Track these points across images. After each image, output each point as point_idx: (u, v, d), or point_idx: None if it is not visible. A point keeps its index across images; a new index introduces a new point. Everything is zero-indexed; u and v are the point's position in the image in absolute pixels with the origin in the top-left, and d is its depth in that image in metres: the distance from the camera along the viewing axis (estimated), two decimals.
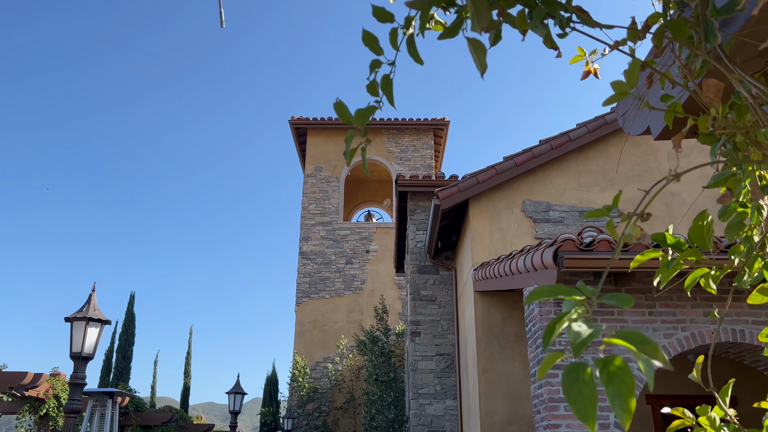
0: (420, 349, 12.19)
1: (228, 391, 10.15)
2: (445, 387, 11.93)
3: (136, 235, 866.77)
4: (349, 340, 20.47)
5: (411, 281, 12.83)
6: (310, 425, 19.43)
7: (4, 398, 8.26)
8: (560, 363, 5.30)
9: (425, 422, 11.67)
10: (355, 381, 20.01)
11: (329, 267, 21.83)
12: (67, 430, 5.00)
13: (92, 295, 5.37)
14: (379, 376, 14.20)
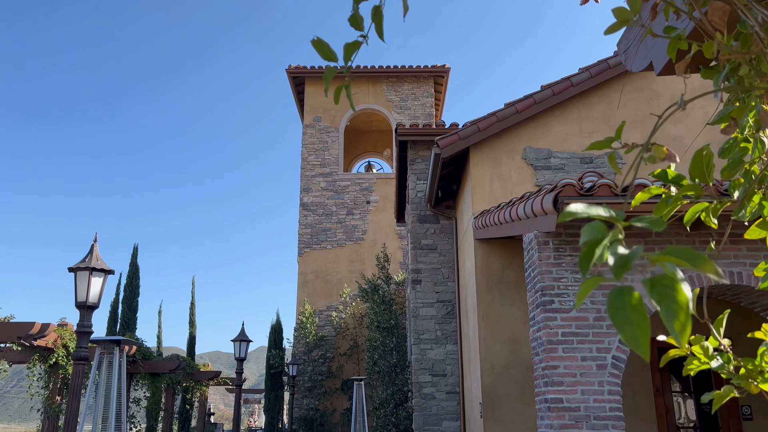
0: (421, 296, 12.36)
1: (233, 338, 10.34)
2: (445, 332, 12.15)
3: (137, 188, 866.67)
4: (351, 289, 20.74)
5: (412, 231, 12.88)
6: (315, 371, 19.92)
7: (13, 348, 8.45)
8: (560, 306, 5.38)
9: (426, 366, 11.94)
10: (358, 328, 20.39)
11: (330, 218, 21.91)
12: (76, 377, 5.12)
13: (94, 245, 5.40)
14: (381, 323, 14.45)
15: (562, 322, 5.34)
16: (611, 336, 5.28)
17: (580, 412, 5.09)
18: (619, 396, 5.14)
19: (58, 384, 10.01)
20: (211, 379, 18.37)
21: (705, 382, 8.25)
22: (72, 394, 5.07)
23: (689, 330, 0.72)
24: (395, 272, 20.01)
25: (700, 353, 1.14)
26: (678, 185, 1.29)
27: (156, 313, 20.28)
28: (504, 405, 8.71)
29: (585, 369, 5.20)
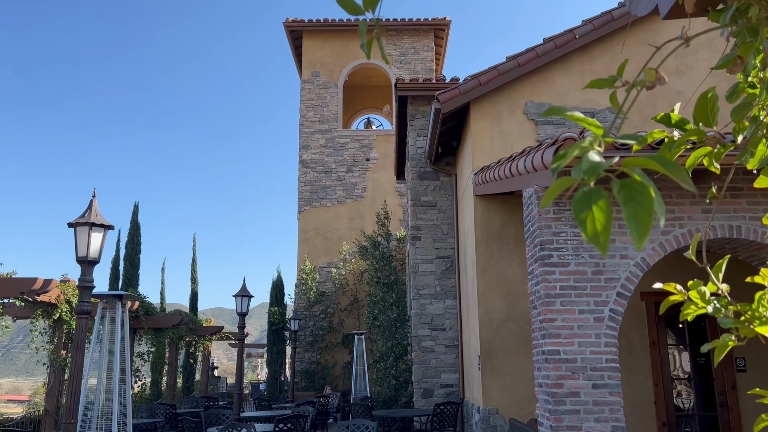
0: (420, 252, 12.42)
1: (235, 294, 10.44)
2: (444, 288, 12.26)
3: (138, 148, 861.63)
4: (351, 246, 20.85)
5: (411, 187, 12.85)
6: (317, 326, 20.22)
7: (16, 303, 8.53)
8: (558, 261, 5.40)
9: (426, 321, 12.10)
10: (359, 284, 20.59)
11: (330, 175, 21.84)
12: (79, 330, 5.18)
13: (93, 200, 5.39)
14: (381, 279, 14.58)
15: (560, 276, 5.37)
16: (609, 290, 5.32)
17: (577, 363, 5.17)
18: (615, 348, 5.22)
19: (62, 339, 10.16)
20: (214, 334, 18.65)
21: (701, 335, 8.37)
22: (76, 348, 5.14)
23: (647, 235, 0.75)
24: (395, 229, 20.07)
25: (697, 298, 1.14)
26: (682, 129, 1.26)
27: (159, 270, 20.49)
28: (501, 358, 8.85)
29: (582, 322, 5.25)
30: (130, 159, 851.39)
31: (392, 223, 19.86)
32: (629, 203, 0.75)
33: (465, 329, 11.07)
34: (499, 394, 8.80)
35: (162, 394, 16.26)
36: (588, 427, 5.03)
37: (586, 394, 5.10)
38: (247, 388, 25.87)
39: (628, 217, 0.75)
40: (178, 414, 12.14)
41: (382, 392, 13.37)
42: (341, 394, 16.04)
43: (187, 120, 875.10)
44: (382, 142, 22.09)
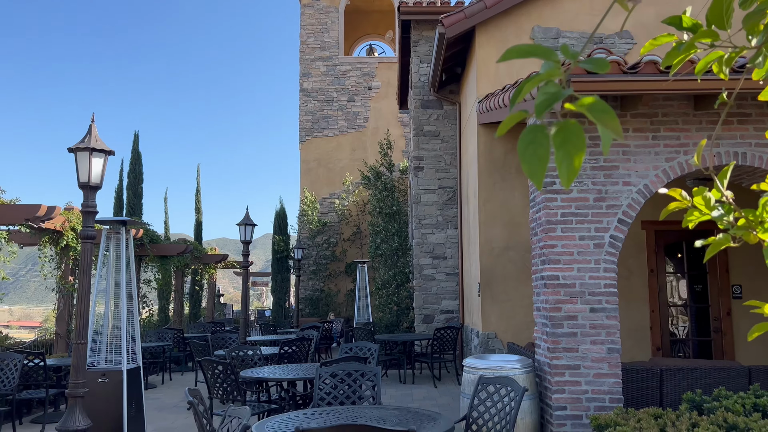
0: (423, 182, 12.41)
1: (238, 222, 10.52)
2: (446, 218, 12.33)
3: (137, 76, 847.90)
4: (354, 177, 20.82)
5: (414, 117, 12.68)
6: (320, 255, 20.50)
7: (21, 230, 8.62)
8: (560, 188, 5.38)
9: (427, 250, 12.23)
10: (361, 215, 20.71)
11: (331, 104, 21.51)
12: (84, 255, 5.25)
13: (92, 125, 5.33)
14: (383, 209, 14.64)
15: (562, 203, 5.37)
16: (610, 216, 5.33)
17: (576, 288, 5.25)
18: (614, 273, 5.29)
19: (69, 265, 10.34)
20: (219, 262, 18.93)
21: (699, 264, 8.46)
22: (82, 272, 5.23)
23: (575, 176, 0.83)
24: (398, 160, 19.98)
25: (702, 204, 1.13)
26: (692, 32, 1.21)
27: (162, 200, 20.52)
28: (501, 284, 9.01)
29: (582, 248, 5.30)
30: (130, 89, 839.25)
31: (395, 154, 19.73)
32: (564, 147, 0.83)
33: (466, 258, 11.21)
34: (498, 319, 9.01)
35: (170, 320, 16.70)
36: (584, 349, 5.17)
37: (583, 318, 5.21)
38: (252, 315, 26.54)
39: (561, 159, 0.83)
40: (185, 338, 12.51)
41: (384, 318, 13.71)
42: (344, 320, 16.45)
43: (186, 49, 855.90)
44: (385, 70, 21.62)
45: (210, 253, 18.37)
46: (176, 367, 12.75)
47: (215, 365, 6.43)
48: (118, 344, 5.94)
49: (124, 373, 5.72)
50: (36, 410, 8.44)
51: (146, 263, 13.90)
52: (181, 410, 8.53)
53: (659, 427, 3.68)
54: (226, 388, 6.45)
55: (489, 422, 4.13)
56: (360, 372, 5.11)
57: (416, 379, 10.74)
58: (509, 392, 4.11)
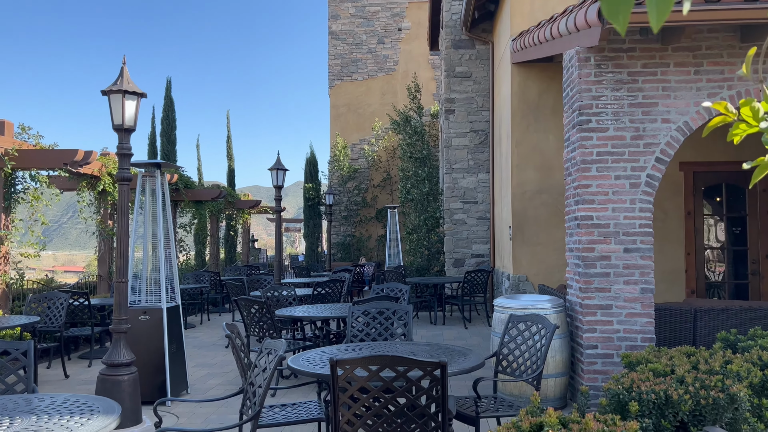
0: (454, 126, 12.23)
1: (270, 167, 10.57)
2: (477, 162, 12.19)
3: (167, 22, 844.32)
4: (383, 122, 20.62)
5: (445, 57, 12.39)
6: (351, 201, 20.61)
7: (61, 175, 8.84)
8: (597, 126, 5.24)
9: (458, 194, 12.17)
10: (391, 160, 20.62)
11: (360, 47, 21.13)
12: (121, 196, 5.36)
13: (123, 68, 5.34)
14: (414, 154, 14.53)
15: (597, 142, 5.24)
16: (647, 155, 5.19)
17: (610, 228, 5.18)
18: (650, 213, 5.19)
19: (107, 209, 10.61)
20: (252, 207, 19.19)
21: (739, 205, 8.24)
22: (120, 213, 5.36)
23: (666, 15, 0.70)
24: (428, 104, 19.67)
25: (749, 116, 1.07)
26: None
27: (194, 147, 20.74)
28: (532, 228, 8.95)
29: (618, 187, 5.19)
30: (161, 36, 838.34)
31: (425, 98, 19.40)
32: None
33: (497, 202, 11.13)
34: (528, 262, 9.00)
35: (206, 264, 17.14)
36: (617, 289, 5.15)
37: (616, 258, 5.16)
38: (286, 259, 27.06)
39: None
40: (222, 280, 12.86)
41: (415, 262, 13.82)
42: (376, 264, 16.65)
43: None
44: (415, 10, 21.03)
45: (243, 199, 18.62)
46: (213, 308, 13.17)
47: (251, 304, 6.62)
48: (158, 285, 6.13)
49: (164, 310, 5.93)
50: (83, 347, 8.87)
51: (181, 208, 14.18)
52: (219, 348, 8.85)
53: (692, 364, 3.67)
54: (262, 326, 6.65)
55: (519, 358, 4.18)
56: (391, 310, 5.19)
57: (447, 321, 10.89)
58: (540, 329, 4.13)
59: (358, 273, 14.53)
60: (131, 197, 7.59)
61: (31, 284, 10.00)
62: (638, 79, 5.23)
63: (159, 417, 3.43)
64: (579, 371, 5.30)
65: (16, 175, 8.28)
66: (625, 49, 5.25)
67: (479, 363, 3.60)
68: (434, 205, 13.94)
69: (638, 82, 5.23)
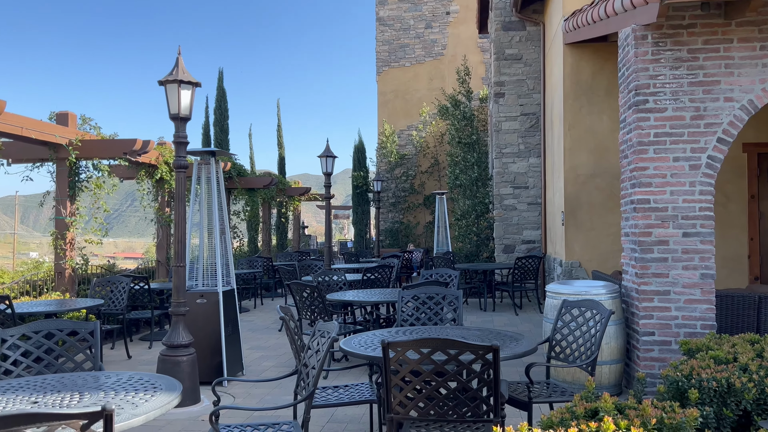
0: (504, 110, 12.05)
1: (320, 154, 10.68)
2: (528, 146, 11.99)
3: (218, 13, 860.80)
4: (431, 107, 20.49)
5: (495, 40, 12.18)
6: (398, 188, 20.63)
7: (120, 163, 9.18)
8: (654, 106, 5.07)
9: (508, 179, 12.01)
10: (439, 146, 20.50)
11: (408, 33, 21.01)
12: (179, 183, 5.53)
13: (179, 58, 5.48)
14: (462, 139, 14.40)
15: (655, 123, 5.07)
16: (708, 135, 4.99)
17: (668, 212, 5.02)
18: (710, 196, 4.99)
19: (165, 197, 10.97)
20: (302, 194, 19.46)
21: None
22: (177, 199, 5.53)
23: None
24: (477, 88, 19.42)
25: None
26: None
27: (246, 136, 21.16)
28: (586, 212, 8.75)
29: (676, 170, 5.01)
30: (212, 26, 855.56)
31: (474, 82, 19.14)
32: None
33: (549, 186, 10.92)
34: (582, 248, 8.82)
35: (259, 250, 17.53)
36: (675, 275, 4.99)
37: (675, 243, 5.00)
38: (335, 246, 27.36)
39: None
40: (274, 266, 13.13)
41: (464, 248, 13.75)
42: (424, 250, 16.64)
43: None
44: None
45: (293, 186, 18.91)
46: (266, 293, 13.47)
47: (304, 288, 6.74)
48: (214, 269, 6.32)
49: (220, 294, 6.10)
50: (143, 329, 9.24)
51: (235, 195, 14.52)
52: (273, 332, 9.06)
53: (756, 352, 3.53)
54: (314, 310, 6.76)
55: (573, 344, 4.12)
56: (441, 295, 5.19)
57: (497, 308, 10.81)
58: (594, 315, 4.06)
59: (407, 259, 14.56)
60: (188, 185, 7.82)
61: (95, 269, 10.46)
62: (699, 56, 5.02)
63: (217, 396, 3.54)
64: (635, 358, 5.18)
65: (80, 165, 8.65)
66: (684, 26, 5.05)
67: (531, 348, 3.56)
68: (483, 190, 13.80)
69: (699, 59, 5.01)
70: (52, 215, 8.68)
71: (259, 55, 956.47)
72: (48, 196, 8.58)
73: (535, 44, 11.91)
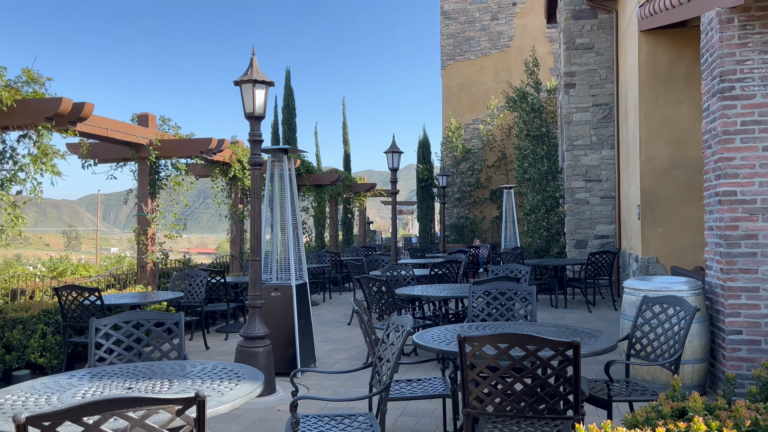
0: (575, 100, 11.72)
1: (385, 150, 10.74)
2: (601, 137, 11.62)
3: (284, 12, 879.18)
4: (498, 100, 20.19)
5: (565, 29, 11.86)
6: (464, 182, 20.46)
7: (197, 162, 9.55)
8: (741, 93, 4.80)
9: (580, 172, 11.69)
10: (506, 139, 20.17)
11: (473, 25, 20.76)
12: (254, 180, 5.70)
13: (253, 58, 5.64)
14: (531, 131, 14.11)
15: (742, 110, 4.80)
16: None
17: (756, 204, 4.75)
18: None
19: (238, 194, 11.33)
20: (368, 190, 19.63)
21: None
22: (253, 195, 5.71)
23: None
24: (545, 79, 18.97)
25: None
26: None
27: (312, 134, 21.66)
28: (664, 206, 8.41)
29: (766, 159, 4.74)
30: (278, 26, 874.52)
31: (542, 73, 18.70)
32: None
33: (623, 179, 10.56)
34: (659, 243, 8.48)
35: (326, 245, 17.83)
36: (765, 271, 4.72)
37: (764, 237, 4.73)
38: (399, 241, 27.45)
39: None
40: (342, 260, 13.32)
41: (533, 243, 13.48)
42: (491, 246, 16.44)
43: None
44: None
45: (359, 183, 19.09)
46: (334, 287, 13.68)
47: (373, 283, 6.81)
48: (287, 264, 6.48)
49: (293, 287, 6.26)
50: (219, 321, 9.59)
51: (303, 192, 14.82)
52: (342, 325, 9.20)
53: None
54: (383, 305, 6.82)
55: (654, 342, 3.97)
56: (513, 290, 5.12)
57: (568, 304, 10.55)
58: (677, 312, 3.90)
59: (473, 255, 14.43)
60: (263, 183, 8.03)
61: (173, 263, 10.94)
62: None
63: (295, 386, 3.64)
64: (720, 357, 4.94)
65: (159, 164, 9.06)
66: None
67: (611, 345, 3.47)
68: (553, 184, 13.48)
69: None
70: (131, 212, 9.14)
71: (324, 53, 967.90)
72: (131, 194, 9.04)
73: (608, 32, 11.51)
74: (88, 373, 3.22)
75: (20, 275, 8.10)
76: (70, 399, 2.74)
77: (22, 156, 6.42)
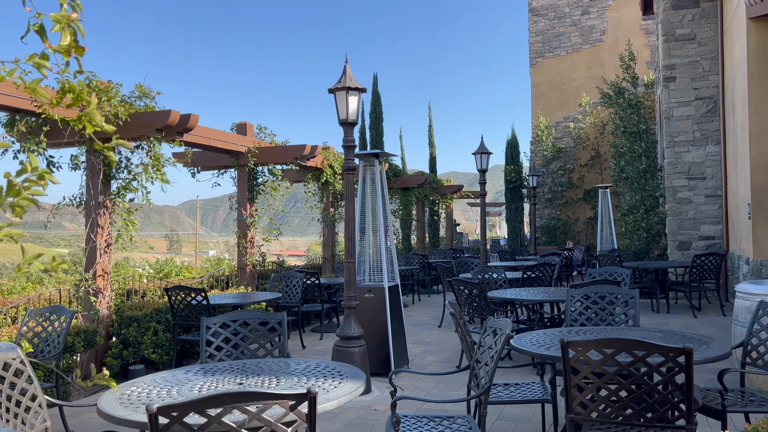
0: (675, 95, 11.12)
1: (474, 152, 10.66)
2: (705, 133, 10.96)
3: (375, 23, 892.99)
4: (590, 96, 19.51)
5: (663, 20, 11.29)
6: (555, 182, 19.91)
7: (292, 167, 9.90)
8: None
9: (682, 170, 11.07)
10: (600, 137, 19.46)
11: (563, 21, 20.19)
12: (348, 184, 5.85)
13: (346, 66, 5.79)
14: (628, 128, 13.51)
15: None
16: None
17: None
18: None
19: (329, 198, 11.63)
20: (454, 192, 19.52)
21: None
22: (347, 199, 5.86)
23: None
24: (642, 73, 18.11)
25: None
26: None
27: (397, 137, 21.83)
28: None
29: None
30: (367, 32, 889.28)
31: (638, 67, 17.88)
32: None
33: (731, 176, 9.90)
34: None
35: (412, 247, 17.91)
36: None
37: None
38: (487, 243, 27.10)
39: None
40: (430, 263, 13.34)
41: (632, 245, 12.90)
42: (585, 248, 15.89)
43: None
44: None
45: (445, 185, 19.04)
46: (422, 289, 13.72)
47: (464, 286, 6.78)
48: (379, 266, 6.58)
49: (386, 289, 6.35)
50: (313, 321, 9.88)
51: (391, 195, 14.99)
52: (433, 327, 9.22)
53: None
54: (475, 308, 6.78)
55: None
56: (614, 294, 4.94)
57: (671, 309, 10.01)
58: None
59: (566, 257, 14.01)
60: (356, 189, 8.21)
61: (270, 265, 11.39)
62: None
63: (394, 386, 3.70)
64: None
65: (257, 170, 9.47)
66: None
67: (725, 352, 3.27)
68: (653, 183, 12.85)
69: None
70: (227, 217, 9.60)
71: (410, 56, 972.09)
72: (232, 199, 9.51)
73: (711, 22, 10.84)
74: (201, 368, 3.44)
75: (132, 276, 8.74)
76: (188, 392, 2.93)
77: (135, 165, 6.92)
